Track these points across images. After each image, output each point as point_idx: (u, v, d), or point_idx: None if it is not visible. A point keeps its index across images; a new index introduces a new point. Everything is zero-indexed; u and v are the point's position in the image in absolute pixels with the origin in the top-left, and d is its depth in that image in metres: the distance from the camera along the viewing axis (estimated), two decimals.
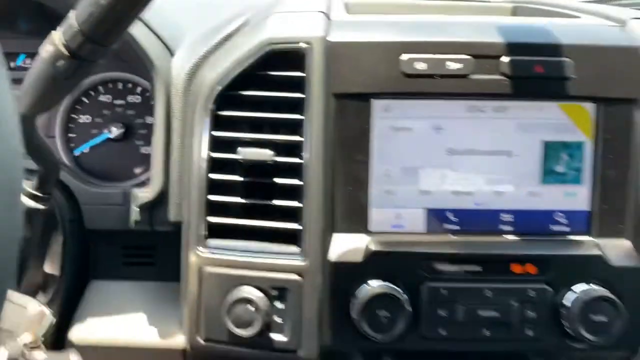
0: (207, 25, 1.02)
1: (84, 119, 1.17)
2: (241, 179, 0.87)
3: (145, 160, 1.09)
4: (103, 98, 1.17)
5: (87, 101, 1.17)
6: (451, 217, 0.89)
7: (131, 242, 1.04)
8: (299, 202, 0.85)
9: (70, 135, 1.17)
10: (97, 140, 1.16)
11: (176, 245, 0.94)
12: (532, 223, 0.88)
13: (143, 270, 1.04)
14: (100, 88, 1.17)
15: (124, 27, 0.68)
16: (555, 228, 0.88)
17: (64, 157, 1.13)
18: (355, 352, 0.90)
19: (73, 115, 1.17)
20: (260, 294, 0.84)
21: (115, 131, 1.14)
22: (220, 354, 0.87)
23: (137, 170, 1.14)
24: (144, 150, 1.14)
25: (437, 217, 0.89)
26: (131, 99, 1.17)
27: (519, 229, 0.88)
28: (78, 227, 0.99)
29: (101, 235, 1.03)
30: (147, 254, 1.04)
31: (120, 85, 1.17)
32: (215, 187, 0.87)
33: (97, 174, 1.14)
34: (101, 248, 1.05)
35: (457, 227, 0.89)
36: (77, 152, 1.16)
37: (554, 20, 0.96)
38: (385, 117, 0.87)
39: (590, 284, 0.84)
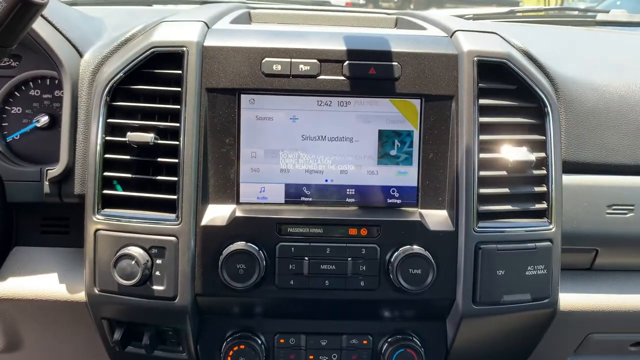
0: (115, 33, 1.21)
1: (16, 110, 1.35)
2: (130, 157, 1.06)
3: None
4: (33, 92, 1.35)
5: (18, 95, 1.34)
6: (305, 190, 1.09)
7: (48, 213, 1.22)
8: (176, 177, 1.04)
9: (4, 124, 1.34)
10: (27, 128, 1.33)
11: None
12: (371, 196, 1.09)
13: (59, 238, 1.22)
14: (31, 84, 1.35)
15: (18, 33, 0.86)
16: (390, 200, 1.09)
17: None
18: (232, 307, 1.09)
19: (6, 107, 1.35)
20: (141, 251, 1.03)
21: (42, 121, 1.31)
22: (112, 302, 1.06)
23: None
24: None
25: (294, 190, 1.08)
26: (57, 93, 1.35)
27: (361, 201, 1.08)
28: (1, 200, 1.17)
29: (22, 207, 1.20)
30: (62, 224, 1.23)
31: (47, 82, 1.35)
32: (109, 165, 1.06)
33: (26, 157, 1.31)
34: (22, 219, 1.23)
35: (311, 199, 1.08)
36: (9, 139, 1.34)
37: (397, 31, 1.16)
38: (250, 108, 1.07)
39: (412, 245, 1.04)
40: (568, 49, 1.40)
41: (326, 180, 1.08)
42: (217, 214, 1.05)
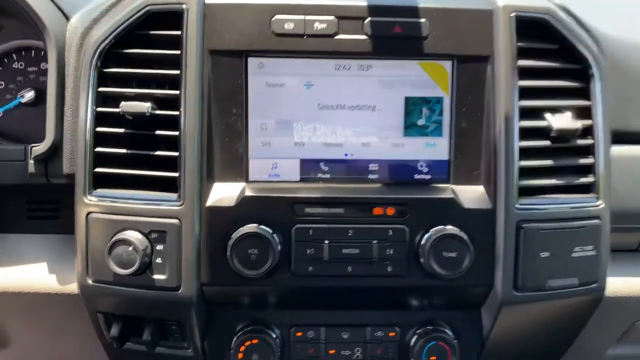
0: None
1: None
2: (125, 131, 0.93)
3: None
4: (16, 65, 1.22)
5: (0, 68, 1.22)
6: (323, 166, 0.97)
7: (34, 197, 1.10)
8: (176, 152, 0.92)
9: None
10: (10, 105, 1.21)
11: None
12: (397, 172, 0.97)
13: (47, 224, 1.10)
14: (14, 56, 1.22)
15: None
16: (418, 176, 0.97)
17: None
18: (242, 297, 0.97)
19: None
20: (139, 236, 0.91)
21: (27, 96, 1.19)
22: (108, 294, 0.94)
23: None
24: None
25: (310, 166, 0.96)
26: (44, 66, 1.22)
27: (385, 177, 0.96)
28: None
29: (5, 190, 1.08)
30: (50, 208, 1.10)
31: (32, 53, 1.22)
32: (101, 139, 0.94)
33: (10, 137, 1.19)
34: (5, 203, 1.10)
35: (329, 176, 0.96)
36: None
37: None
38: (259, 73, 0.94)
39: (445, 226, 0.92)
40: (610, 8, 1.27)
41: (346, 155, 0.96)
42: (224, 193, 0.93)
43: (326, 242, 0.92)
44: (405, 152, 0.96)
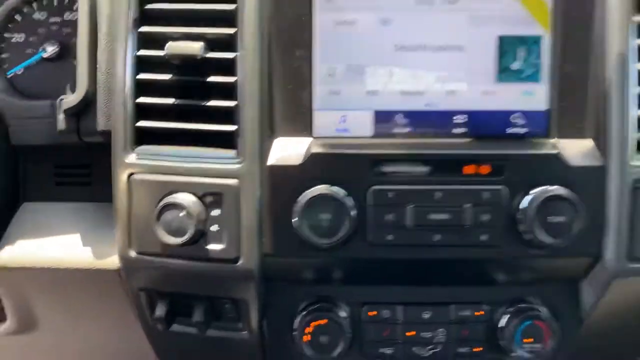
0: None
1: (17, 38, 1.08)
2: (172, 77, 0.80)
3: None
4: (37, 15, 1.08)
5: (20, 19, 1.08)
6: (400, 119, 0.83)
7: (64, 159, 0.97)
8: (234, 101, 0.78)
9: (3, 56, 1.08)
10: (31, 60, 1.07)
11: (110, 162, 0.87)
12: (488, 124, 0.82)
13: (78, 191, 0.97)
14: (34, 5, 1.08)
15: None
16: (512, 130, 0.82)
17: None
18: (307, 270, 0.84)
19: (5, 35, 1.08)
20: (193, 199, 0.77)
21: (50, 50, 1.05)
22: (154, 267, 0.81)
23: None
24: None
25: (385, 119, 0.82)
26: (67, 16, 1.08)
27: (474, 131, 0.82)
28: (3, 143, 0.91)
29: (30, 152, 0.95)
30: (82, 173, 0.97)
31: (55, 1, 1.09)
32: (143, 88, 0.80)
33: (31, 95, 1.05)
34: (31, 167, 0.97)
35: (407, 130, 0.82)
36: (9, 74, 1.07)
37: None
38: (327, 9, 0.80)
39: (549, 186, 0.78)
40: None
41: (427, 105, 0.82)
42: (288, 150, 0.80)
43: (409, 206, 0.78)
44: (497, 101, 0.82)
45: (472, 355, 0.87)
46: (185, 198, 0.77)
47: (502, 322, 0.85)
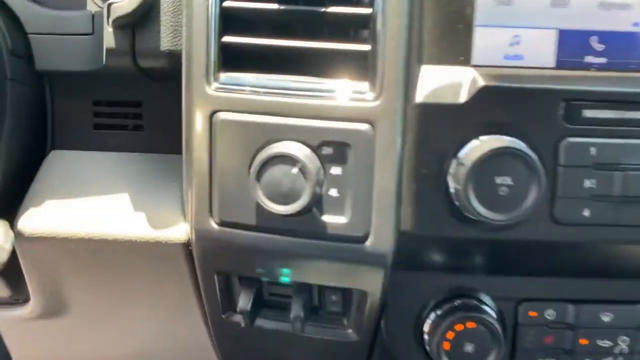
0: None
1: None
2: None
3: None
4: None
5: None
6: (595, 43, 0.58)
7: (106, 94, 0.72)
8: (370, 8, 0.54)
9: None
10: None
11: (172, 99, 0.63)
12: None
13: (125, 137, 0.73)
14: None
15: None
16: None
17: None
18: (447, 254, 0.61)
19: None
20: (307, 151, 0.54)
21: None
22: (244, 245, 0.58)
23: None
24: None
25: (574, 42, 0.58)
26: None
27: None
28: (26, 67, 0.67)
29: (61, 82, 0.71)
30: (131, 113, 0.73)
31: None
32: None
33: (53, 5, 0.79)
34: (62, 103, 0.73)
35: (604, 60, 0.58)
36: None
37: None
38: None
39: None
40: None
41: (635, 24, 0.58)
42: (441, 82, 0.55)
43: (619, 169, 0.54)
44: None
45: None
46: (297, 149, 0.53)
47: None
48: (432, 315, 0.63)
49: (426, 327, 0.63)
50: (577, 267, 0.63)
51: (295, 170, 0.52)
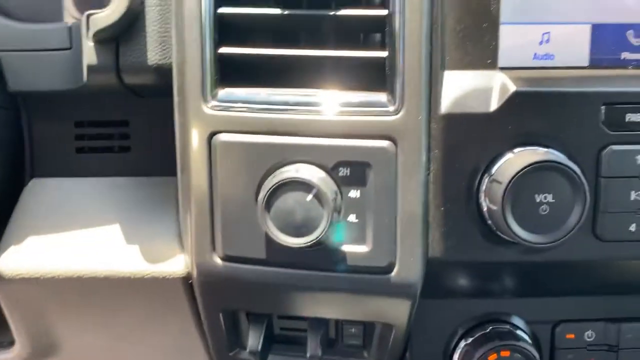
0: None
1: None
2: None
3: None
4: None
5: None
6: (632, 38, 0.53)
7: (88, 113, 0.65)
8: (385, 9, 0.47)
9: None
10: None
11: (162, 116, 0.57)
12: None
13: (110, 160, 0.66)
14: None
15: None
16: None
17: None
18: (475, 279, 0.56)
19: None
20: (322, 174, 0.47)
21: None
22: (253, 281, 0.52)
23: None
24: None
25: (608, 38, 0.52)
26: None
27: None
28: None
29: (38, 102, 0.64)
30: (116, 134, 0.66)
31: None
32: None
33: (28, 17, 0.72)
34: (41, 125, 0.65)
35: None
36: None
37: None
38: None
39: None
40: None
41: None
42: (467, 88, 0.49)
43: None
44: None
45: None
46: (311, 173, 0.47)
47: None
48: (462, 344, 0.57)
49: (456, 358, 0.58)
50: (617, 285, 0.57)
51: (309, 197, 0.46)
